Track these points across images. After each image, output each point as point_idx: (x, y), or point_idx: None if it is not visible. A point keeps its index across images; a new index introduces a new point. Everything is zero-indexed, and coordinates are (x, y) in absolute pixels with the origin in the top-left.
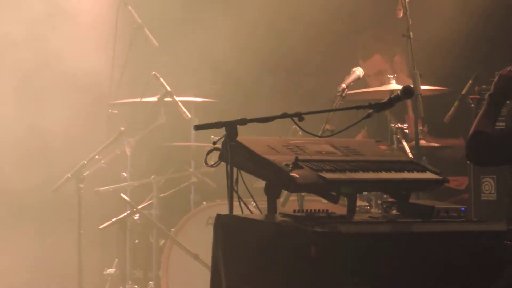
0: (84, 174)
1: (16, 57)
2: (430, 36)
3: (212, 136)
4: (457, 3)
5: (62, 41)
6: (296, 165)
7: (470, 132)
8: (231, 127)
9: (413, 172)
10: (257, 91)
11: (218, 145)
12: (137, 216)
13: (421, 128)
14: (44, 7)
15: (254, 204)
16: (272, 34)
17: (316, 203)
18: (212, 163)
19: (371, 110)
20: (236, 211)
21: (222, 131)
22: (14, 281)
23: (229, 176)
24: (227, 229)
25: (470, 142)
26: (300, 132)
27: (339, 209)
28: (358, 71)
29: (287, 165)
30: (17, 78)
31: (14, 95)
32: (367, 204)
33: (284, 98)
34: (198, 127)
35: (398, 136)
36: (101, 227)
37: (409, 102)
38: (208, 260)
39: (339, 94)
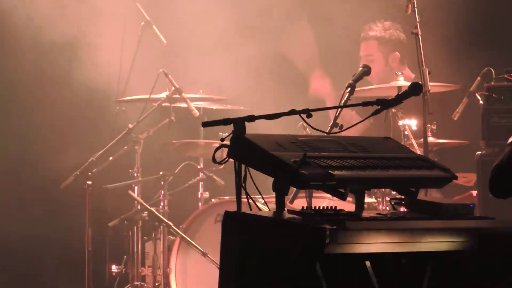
0: (93, 171)
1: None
2: (438, 32)
3: (220, 133)
4: (467, 1)
5: (68, 39)
6: (304, 161)
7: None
8: (239, 124)
9: (421, 169)
10: (265, 88)
11: (226, 142)
12: (145, 213)
13: (429, 125)
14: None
15: (263, 201)
16: (280, 31)
17: (324, 200)
18: (220, 160)
19: (379, 107)
20: (245, 208)
21: (230, 128)
22: (21, 278)
23: (237, 173)
24: (235, 226)
25: (492, 177)
26: (308, 129)
27: (347, 206)
28: (366, 68)
29: (295, 161)
30: (25, 73)
31: (21, 91)
32: (375, 201)
33: (292, 95)
34: (206, 124)
35: (407, 133)
36: (110, 224)
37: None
38: (217, 257)
39: (347, 90)
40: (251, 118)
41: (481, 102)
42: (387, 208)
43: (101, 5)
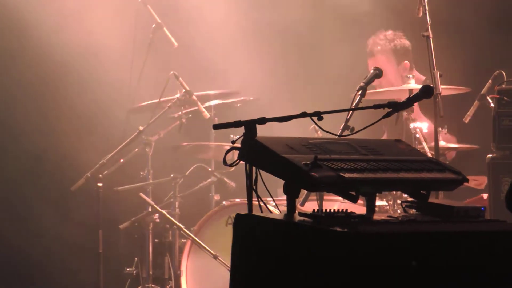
0: (103, 173)
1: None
2: (449, 35)
3: (231, 136)
4: (478, 3)
5: (80, 40)
6: (315, 164)
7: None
8: (250, 126)
9: (432, 171)
10: (276, 91)
11: (237, 144)
12: (156, 216)
13: (440, 129)
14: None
15: (273, 203)
16: (289, 33)
17: (335, 202)
18: (231, 162)
19: (390, 109)
20: (255, 211)
21: (241, 130)
22: (33, 278)
23: (248, 175)
24: (246, 228)
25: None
26: (319, 132)
27: (358, 208)
28: (377, 71)
29: (306, 164)
30: (36, 77)
31: (35, 92)
32: (386, 203)
33: (302, 98)
34: (216, 127)
35: (418, 136)
36: (121, 226)
37: None
38: (228, 260)
39: (358, 93)
40: (262, 121)
41: (492, 105)
42: (398, 211)
43: (112, 8)
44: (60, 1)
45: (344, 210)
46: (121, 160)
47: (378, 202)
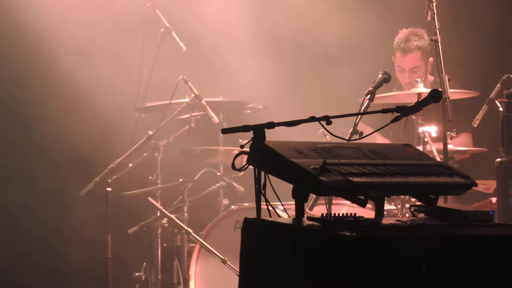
0: (112, 178)
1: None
2: (458, 39)
3: (240, 140)
4: (487, 7)
5: (87, 44)
6: (324, 168)
7: None
8: (258, 131)
9: (441, 176)
10: (285, 95)
11: (246, 149)
12: (165, 220)
13: (449, 133)
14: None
15: (282, 208)
16: (299, 38)
17: (343, 206)
18: (240, 167)
19: (398, 114)
20: (264, 215)
21: (250, 135)
22: (41, 283)
23: (257, 180)
24: (255, 233)
25: None
26: (328, 136)
27: (367, 213)
28: (386, 75)
29: (314, 168)
30: (47, 77)
31: (43, 96)
32: (395, 208)
33: (311, 102)
34: (225, 131)
35: (426, 140)
36: (129, 231)
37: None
38: (236, 264)
39: (367, 97)
40: (271, 125)
41: (500, 109)
42: (407, 215)
43: (121, 12)
44: (69, 6)
45: (353, 214)
46: (130, 165)
47: (387, 206)
